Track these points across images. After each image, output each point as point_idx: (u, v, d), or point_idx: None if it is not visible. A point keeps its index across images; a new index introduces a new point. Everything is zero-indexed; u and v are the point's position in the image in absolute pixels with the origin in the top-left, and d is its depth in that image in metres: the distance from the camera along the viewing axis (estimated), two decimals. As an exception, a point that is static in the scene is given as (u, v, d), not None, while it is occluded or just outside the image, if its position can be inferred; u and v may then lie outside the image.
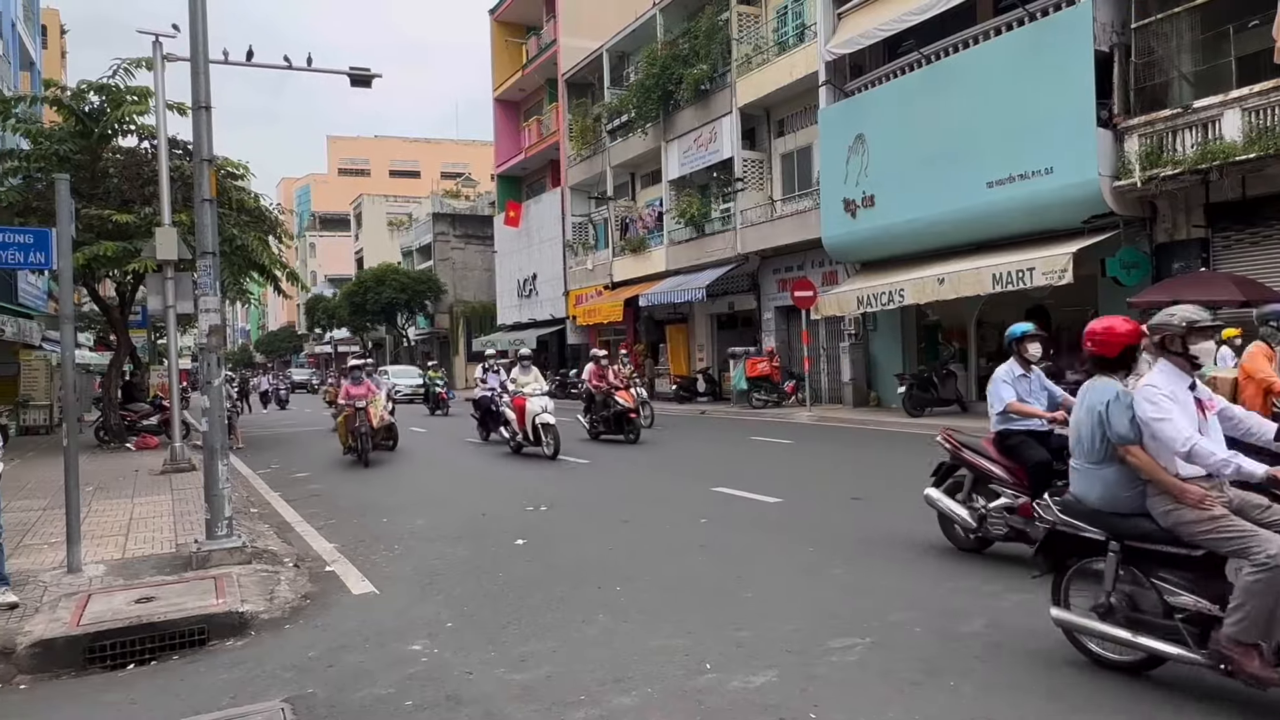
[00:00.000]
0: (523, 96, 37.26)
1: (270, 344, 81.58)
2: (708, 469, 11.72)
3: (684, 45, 24.14)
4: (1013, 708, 3.82)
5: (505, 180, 38.71)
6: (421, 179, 68.47)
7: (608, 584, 6.11)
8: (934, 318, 19.25)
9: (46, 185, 15.30)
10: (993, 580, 5.78)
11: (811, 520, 8.14)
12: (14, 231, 7.11)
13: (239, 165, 17.52)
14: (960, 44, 16.46)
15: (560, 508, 9.26)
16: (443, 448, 16.46)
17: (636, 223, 28.31)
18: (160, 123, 13.74)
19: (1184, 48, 14.16)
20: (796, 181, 22.39)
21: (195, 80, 7.35)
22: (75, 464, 6.76)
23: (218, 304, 7.43)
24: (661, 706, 3.99)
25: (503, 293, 38.15)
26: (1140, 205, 14.24)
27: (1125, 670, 4.12)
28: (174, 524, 8.56)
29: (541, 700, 4.13)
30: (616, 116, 28.00)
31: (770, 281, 23.18)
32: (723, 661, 4.49)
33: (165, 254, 12.76)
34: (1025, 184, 14.81)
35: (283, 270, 19.15)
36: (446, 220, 47.09)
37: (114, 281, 18.32)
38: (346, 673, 4.65)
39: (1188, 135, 13.13)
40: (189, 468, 12.57)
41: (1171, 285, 13.48)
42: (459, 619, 5.48)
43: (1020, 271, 14.57)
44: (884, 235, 17.96)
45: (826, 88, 19.73)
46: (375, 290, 44.06)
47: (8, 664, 4.88)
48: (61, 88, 17.19)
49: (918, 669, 4.29)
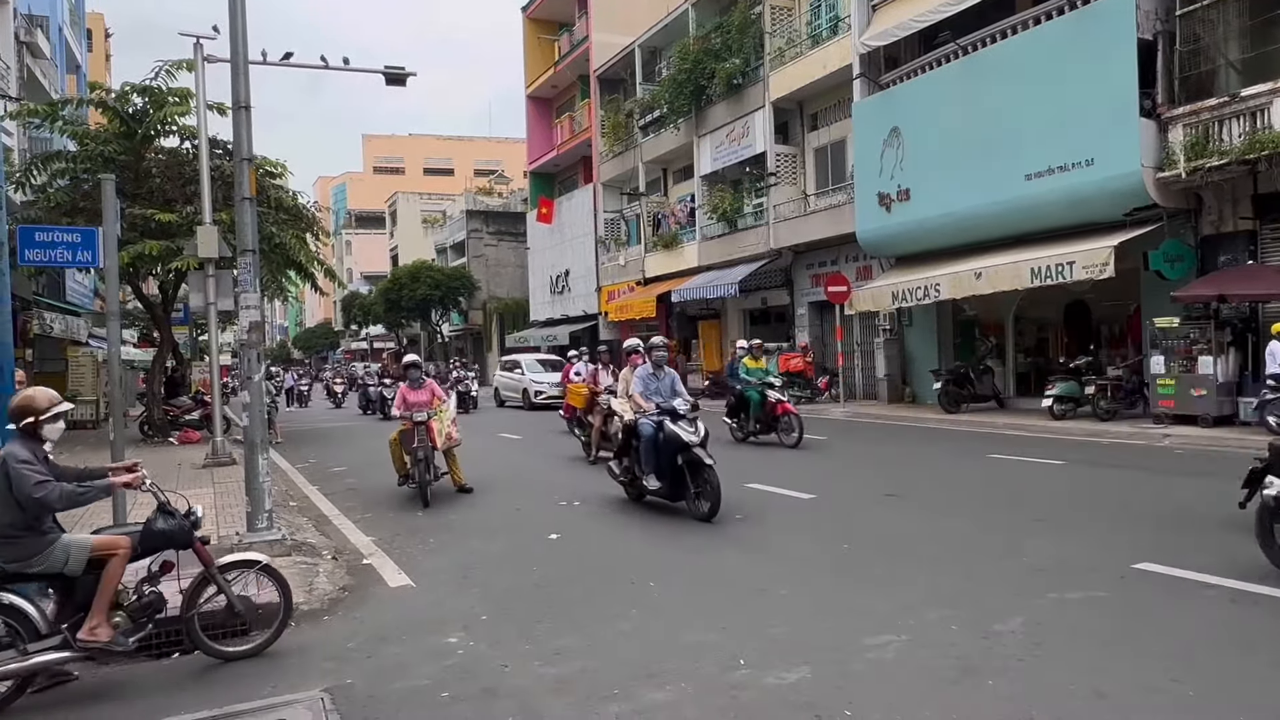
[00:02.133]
0: (555, 93, 37.36)
1: (307, 340, 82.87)
2: (741, 465, 11.66)
3: (716, 39, 24.03)
4: (1052, 708, 3.76)
5: (538, 177, 38.86)
6: (455, 176, 68.94)
7: (640, 579, 6.12)
8: (971, 313, 18.98)
9: (93, 186, 15.68)
10: (1030, 579, 5.70)
11: (845, 517, 8.08)
12: (63, 231, 7.30)
13: (277, 164, 17.83)
14: (998, 34, 16.18)
15: (592, 503, 9.29)
16: (476, 443, 16.49)
17: (669, 218, 28.26)
18: (201, 123, 14.00)
19: (1231, 34, 13.79)
20: (830, 176, 22.19)
21: (235, 80, 7.48)
22: (121, 457, 6.92)
23: (258, 300, 7.57)
24: (696, 702, 4.00)
25: (535, 289, 38.32)
26: (1185, 197, 13.90)
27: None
28: (216, 516, 8.73)
29: (576, 694, 4.15)
30: (648, 112, 27.96)
31: (803, 277, 23.01)
32: (757, 657, 4.48)
33: (206, 252, 13.00)
34: (1065, 176, 14.53)
35: (320, 267, 19.43)
36: (480, 217, 47.39)
37: (157, 279, 18.72)
38: (384, 664, 4.72)
39: (1235, 124, 12.79)
40: (230, 462, 12.82)
41: (1217, 279, 13.17)
42: (494, 612, 5.53)
43: (1060, 265, 14.30)
44: (919, 229, 17.74)
45: (861, 81, 19.52)
46: (410, 287, 44.49)
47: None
48: (106, 90, 17.61)
49: (954, 667, 4.25)
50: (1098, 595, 5.29)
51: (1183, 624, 4.76)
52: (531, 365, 26.24)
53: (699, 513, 7.90)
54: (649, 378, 8.77)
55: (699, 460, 7.89)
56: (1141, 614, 4.94)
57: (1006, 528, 7.30)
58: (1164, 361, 13.49)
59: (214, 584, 4.94)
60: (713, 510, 7.78)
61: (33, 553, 4.40)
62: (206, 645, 4.89)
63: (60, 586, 4.55)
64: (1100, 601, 5.19)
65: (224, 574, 4.99)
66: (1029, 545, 6.63)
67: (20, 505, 4.37)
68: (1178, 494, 8.24)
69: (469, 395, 24.80)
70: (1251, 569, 5.57)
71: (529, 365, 26.19)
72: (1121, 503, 8.16)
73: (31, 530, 4.42)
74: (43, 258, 7.02)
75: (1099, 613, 4.99)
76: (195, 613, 4.89)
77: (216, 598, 4.98)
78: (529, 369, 25.84)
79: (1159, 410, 13.44)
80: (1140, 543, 6.47)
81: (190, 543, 4.87)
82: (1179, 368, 13.30)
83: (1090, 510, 7.83)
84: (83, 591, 4.51)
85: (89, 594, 4.50)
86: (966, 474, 9.79)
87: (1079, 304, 16.64)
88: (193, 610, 4.88)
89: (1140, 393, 14.53)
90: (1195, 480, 8.97)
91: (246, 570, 5.11)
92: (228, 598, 4.97)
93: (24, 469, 4.35)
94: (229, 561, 5.13)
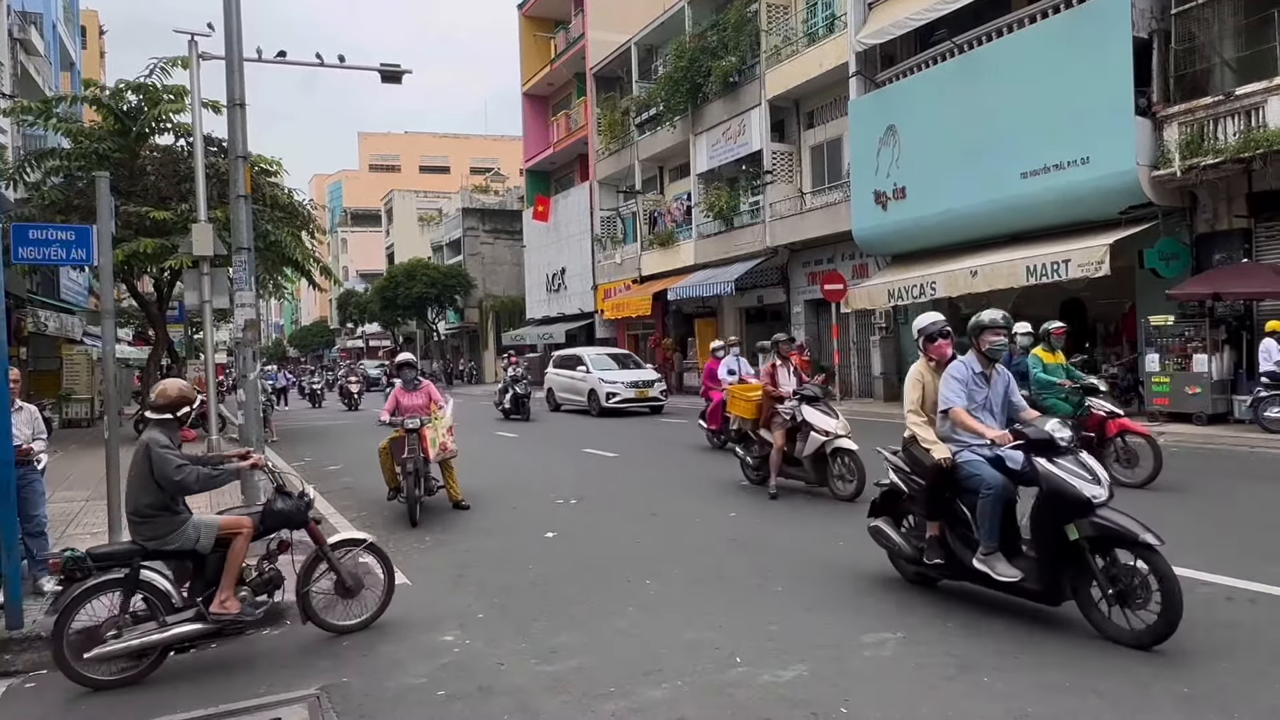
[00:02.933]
0: (551, 91, 37.33)
1: (303, 339, 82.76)
2: (736, 462, 11.67)
3: (712, 37, 24.03)
4: (1048, 704, 3.77)
5: (534, 175, 38.84)
6: (451, 174, 68.93)
7: (637, 577, 6.12)
8: (966, 311, 18.96)
9: (87, 183, 15.62)
10: (1027, 576, 5.70)
11: (841, 513, 8.08)
12: (57, 229, 7.25)
13: (272, 162, 17.78)
14: (994, 32, 16.21)
15: (589, 501, 9.29)
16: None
17: (665, 216, 28.27)
18: (196, 120, 13.91)
19: (1226, 33, 13.82)
20: (826, 174, 22.20)
21: (230, 78, 7.47)
22: (116, 456, 6.90)
23: (253, 299, 7.55)
24: (692, 699, 4.00)
25: (532, 287, 38.31)
26: (1180, 195, 13.94)
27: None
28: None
29: (572, 692, 4.15)
30: (645, 110, 27.96)
31: (800, 275, 23.03)
32: (753, 655, 4.48)
33: (201, 250, 12.93)
34: (1061, 174, 14.56)
35: (316, 265, 19.39)
36: (476, 215, 47.37)
37: (151, 278, 18.68)
38: (380, 662, 4.72)
39: (1229, 123, 12.82)
40: (225, 460, 12.77)
41: (1212, 277, 13.21)
42: (490, 611, 5.52)
43: (1055, 263, 14.34)
44: (915, 227, 17.76)
45: (857, 79, 19.53)
46: (406, 285, 44.46)
47: (53, 650, 4.99)
48: (100, 87, 17.56)
49: (951, 664, 4.26)
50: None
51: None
52: (600, 361, 21.84)
53: (1137, 640, 4.33)
54: (971, 381, 5.12)
55: (1120, 535, 4.39)
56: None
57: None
58: (1159, 359, 13.53)
59: (325, 561, 5.22)
60: (1158, 638, 4.27)
61: (168, 531, 4.71)
62: (320, 620, 5.18)
63: (191, 564, 4.86)
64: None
65: (334, 551, 5.27)
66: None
67: (160, 487, 4.68)
68: (1173, 492, 8.25)
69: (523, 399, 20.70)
70: (1247, 567, 5.58)
71: (595, 361, 21.72)
72: (1117, 500, 8.15)
73: (167, 510, 4.73)
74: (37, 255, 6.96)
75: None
76: (309, 589, 5.17)
77: (327, 575, 5.25)
78: (596, 365, 21.42)
79: (1154, 408, 13.48)
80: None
81: (305, 522, 5.20)
82: (1174, 366, 13.34)
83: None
84: (211, 569, 4.84)
85: (216, 571, 4.83)
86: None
87: (1074, 302, 16.66)
88: (307, 586, 5.17)
89: (1135, 391, 14.58)
90: (1190, 478, 8.99)
91: (353, 548, 5.39)
92: (339, 574, 5.24)
93: (166, 453, 4.69)
94: (337, 540, 5.42)
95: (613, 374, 20.88)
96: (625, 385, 20.15)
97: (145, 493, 4.68)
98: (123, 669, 4.57)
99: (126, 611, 4.60)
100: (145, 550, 4.68)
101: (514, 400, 19.81)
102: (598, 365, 21.42)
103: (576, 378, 21.57)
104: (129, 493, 4.75)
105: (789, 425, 8.88)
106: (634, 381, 20.19)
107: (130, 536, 4.79)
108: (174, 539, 4.71)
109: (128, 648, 4.51)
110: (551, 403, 22.97)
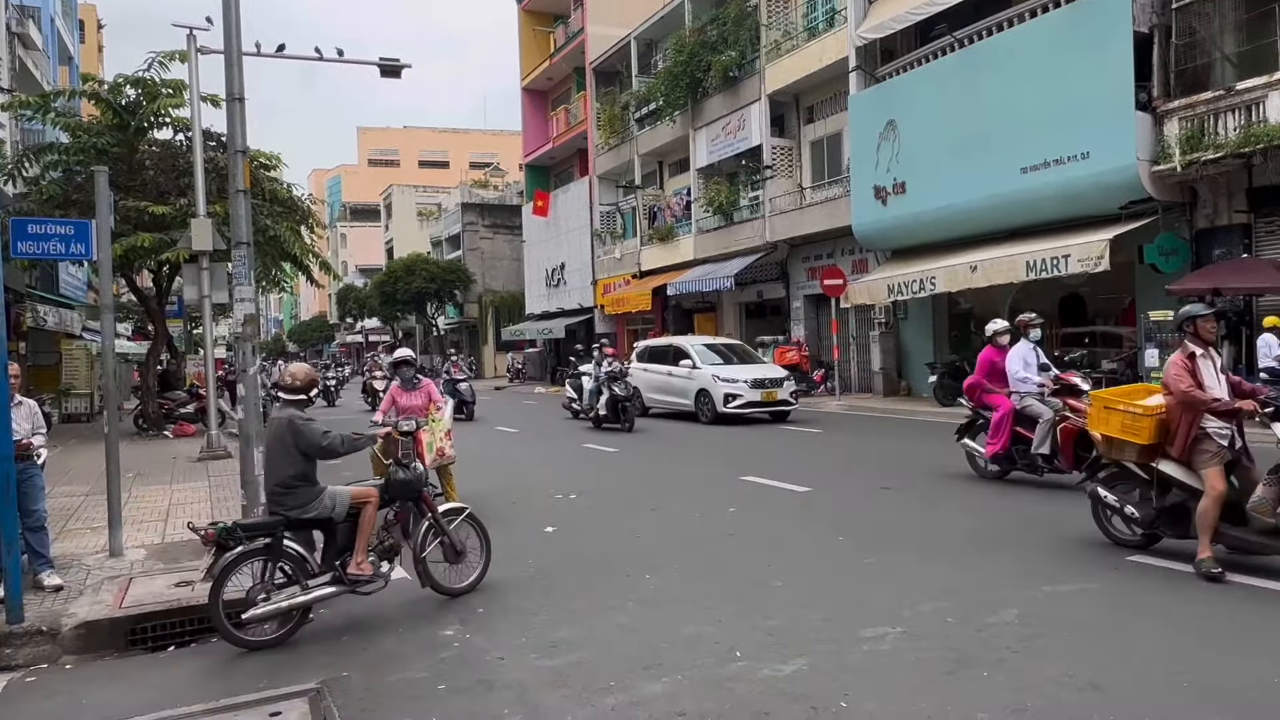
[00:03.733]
0: (550, 86, 37.26)
1: (303, 333, 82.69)
2: (736, 458, 11.69)
3: (712, 32, 23.97)
4: (1046, 699, 3.78)
5: (533, 170, 38.78)
6: (450, 169, 68.72)
7: (636, 572, 6.13)
8: (966, 306, 19.00)
9: (86, 178, 15.59)
10: (1025, 571, 5.72)
11: (841, 510, 8.10)
12: (56, 223, 7.25)
13: (271, 156, 17.74)
14: (995, 27, 16.17)
15: (589, 496, 9.30)
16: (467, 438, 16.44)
17: (664, 211, 28.24)
18: (195, 115, 13.92)
19: (1227, 28, 13.80)
20: (826, 169, 22.18)
21: (229, 72, 7.44)
22: (116, 451, 6.91)
23: (253, 293, 7.54)
24: (692, 694, 4.00)
25: (531, 282, 38.27)
26: (1180, 190, 13.92)
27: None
28: (211, 510, 8.72)
29: (572, 686, 4.16)
30: (644, 105, 27.90)
31: (799, 270, 23.02)
32: (753, 650, 4.49)
33: (200, 245, 12.95)
34: (1061, 169, 14.55)
35: (315, 260, 19.36)
36: (475, 210, 47.30)
37: (150, 272, 18.66)
38: (380, 656, 4.73)
39: (1230, 118, 12.80)
40: (225, 455, 12.80)
41: (1212, 272, 13.20)
42: (490, 605, 5.53)
43: (1055, 259, 14.33)
44: (915, 222, 17.74)
45: (857, 73, 19.49)
46: (405, 280, 44.41)
47: (54, 645, 5.01)
48: (99, 81, 17.54)
49: (950, 659, 4.26)
50: (1091, 587, 5.32)
51: (1177, 615, 4.78)
52: (706, 353, 17.42)
53: None
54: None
55: None
56: (1135, 605, 4.96)
57: (1001, 520, 7.32)
58: (1158, 355, 13.52)
59: (436, 528, 5.70)
60: None
61: (308, 500, 5.16)
62: (436, 584, 5.64)
63: (322, 534, 5.33)
64: (1094, 593, 5.21)
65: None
66: (1022, 537, 6.65)
67: (305, 457, 5.16)
68: (1172, 486, 8.26)
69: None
70: (1245, 561, 5.59)
71: (702, 353, 17.33)
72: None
73: (307, 480, 5.19)
74: (36, 250, 6.97)
75: (1093, 604, 5.01)
76: (426, 555, 5.63)
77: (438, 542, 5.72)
78: (704, 358, 17.15)
79: (1153, 403, 13.46)
80: (1134, 535, 6.48)
81: (420, 492, 5.69)
82: (1173, 361, 13.32)
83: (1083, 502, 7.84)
84: (341, 537, 5.30)
85: (346, 539, 5.30)
86: (962, 466, 9.78)
87: (1074, 297, 16.66)
88: (424, 553, 5.62)
89: (1135, 386, 14.54)
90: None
91: (456, 517, 5.88)
92: (449, 540, 5.76)
93: (309, 424, 5.22)
94: (444, 510, 5.86)
95: (728, 370, 16.68)
96: (748, 385, 16.01)
97: (289, 465, 5.12)
98: (272, 630, 4.98)
99: (270, 578, 5.00)
100: (287, 520, 5.09)
101: (612, 404, 15.60)
102: (706, 359, 17.20)
103: (678, 375, 17.36)
104: (270, 469, 5.20)
105: (1227, 457, 5.56)
106: (758, 380, 16.14)
107: (271, 510, 5.22)
108: (313, 507, 5.15)
109: (279, 609, 4.91)
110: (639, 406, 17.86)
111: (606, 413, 15.76)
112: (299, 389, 5.36)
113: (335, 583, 5.18)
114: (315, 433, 5.16)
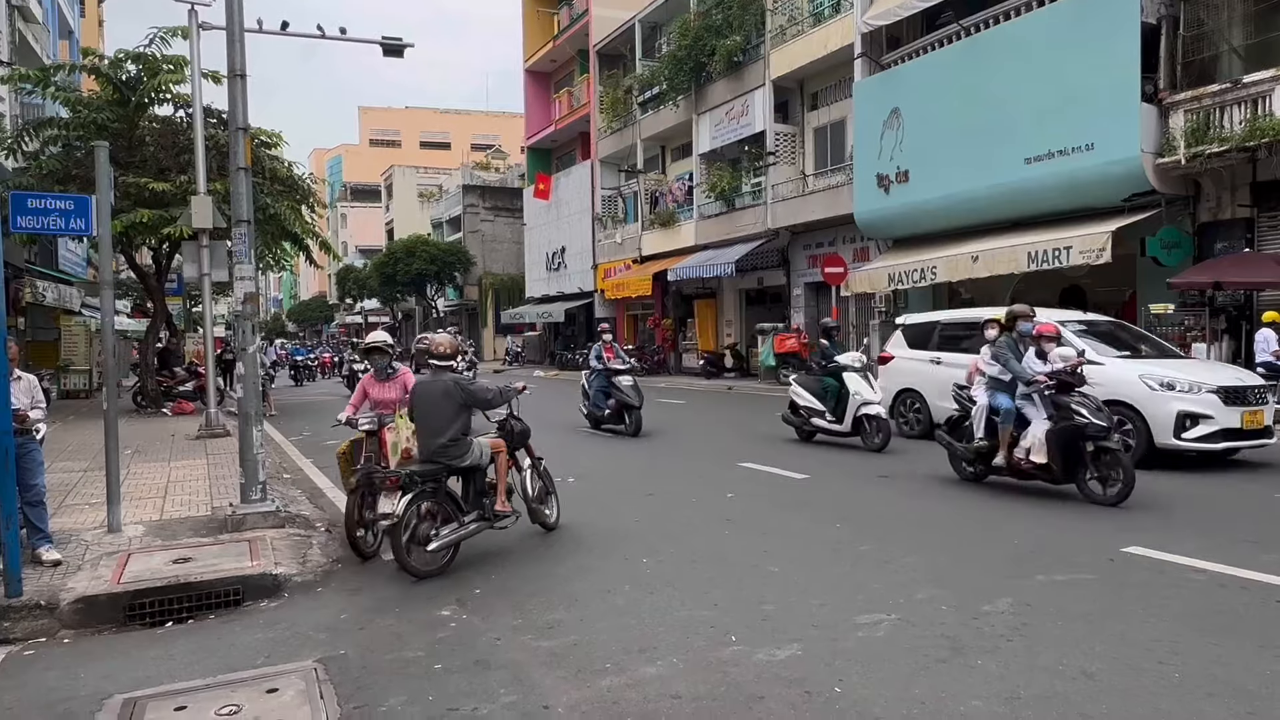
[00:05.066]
0: (554, 68, 37.04)
1: (302, 313, 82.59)
2: (734, 444, 11.71)
3: (717, 16, 23.81)
4: (1039, 687, 3.81)
5: (535, 152, 38.62)
6: (452, 151, 68.40)
7: (634, 556, 6.16)
8: (967, 296, 18.96)
9: (86, 153, 15.51)
10: (1020, 561, 5.74)
11: (839, 497, 8.13)
12: (55, 198, 7.22)
13: (272, 134, 17.64)
14: (1001, 16, 16.08)
15: (587, 480, 9.31)
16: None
17: (666, 196, 28.15)
18: (196, 91, 13.84)
19: (1234, 20, 13.72)
20: (829, 156, 22.09)
21: (230, 48, 7.39)
22: (115, 427, 6.92)
23: (253, 271, 7.52)
24: (687, 676, 4.03)
25: (531, 265, 38.20)
26: (1183, 183, 13.89)
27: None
28: (209, 487, 8.74)
29: (568, 667, 4.18)
30: (648, 88, 27.75)
31: (800, 257, 22.97)
32: (748, 634, 4.52)
33: (200, 222, 12.92)
34: (1065, 160, 14.50)
35: (315, 239, 19.30)
36: (476, 192, 47.14)
37: (150, 249, 18.61)
38: (377, 635, 4.75)
39: (1236, 111, 12.76)
40: (224, 433, 12.82)
41: (1213, 266, 13.19)
42: (487, 586, 5.55)
43: (1057, 250, 14.30)
44: (917, 211, 17.70)
45: (862, 60, 19.39)
46: (405, 261, 44.33)
47: (52, 619, 5.04)
48: (99, 56, 17.39)
49: (944, 646, 4.29)
50: (1085, 578, 5.34)
51: (1170, 607, 4.80)
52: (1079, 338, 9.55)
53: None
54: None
55: None
56: (1129, 597, 4.98)
57: (997, 509, 7.35)
58: (1158, 348, 13.52)
59: (535, 471, 6.82)
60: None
61: (466, 450, 6.03)
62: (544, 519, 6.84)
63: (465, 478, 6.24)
64: (1088, 584, 5.24)
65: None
66: (1019, 527, 6.68)
67: (467, 410, 6.01)
68: (1169, 480, 8.28)
69: None
70: (1239, 554, 5.62)
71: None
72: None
73: (466, 435, 6.06)
74: (35, 225, 6.93)
75: (1086, 595, 5.04)
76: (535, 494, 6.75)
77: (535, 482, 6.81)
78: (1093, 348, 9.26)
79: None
80: (1129, 526, 6.52)
81: (526, 441, 6.80)
82: (1173, 354, 13.33)
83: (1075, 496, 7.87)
84: (478, 481, 6.26)
85: (481, 484, 6.26)
86: (959, 456, 9.84)
87: (1075, 289, 16.64)
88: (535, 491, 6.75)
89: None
90: (1187, 467, 9.01)
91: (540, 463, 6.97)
92: (546, 484, 6.95)
93: (475, 381, 6.29)
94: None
95: (1159, 369, 9.09)
96: (1219, 399, 8.70)
97: (456, 420, 5.94)
98: (437, 561, 5.75)
99: (436, 517, 5.81)
100: (449, 468, 5.95)
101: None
102: (1096, 349, 9.32)
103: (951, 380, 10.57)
104: (436, 427, 5.91)
105: None
106: (1230, 390, 8.83)
107: (434, 461, 5.89)
108: (469, 456, 6.04)
109: (449, 541, 5.78)
110: (909, 415, 11.90)
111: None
112: (448, 355, 6.13)
113: (481, 519, 6.13)
114: (481, 387, 6.18)
